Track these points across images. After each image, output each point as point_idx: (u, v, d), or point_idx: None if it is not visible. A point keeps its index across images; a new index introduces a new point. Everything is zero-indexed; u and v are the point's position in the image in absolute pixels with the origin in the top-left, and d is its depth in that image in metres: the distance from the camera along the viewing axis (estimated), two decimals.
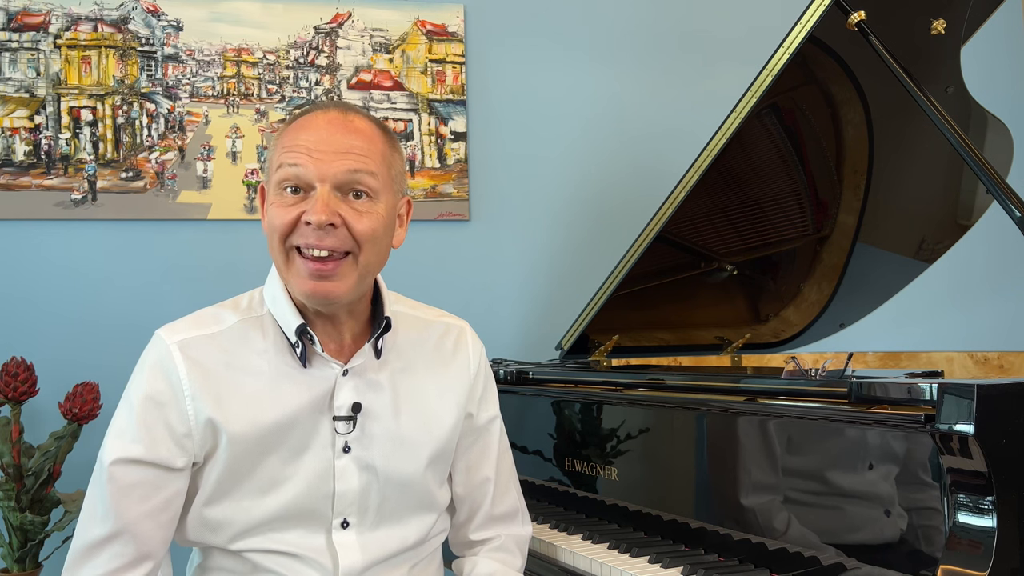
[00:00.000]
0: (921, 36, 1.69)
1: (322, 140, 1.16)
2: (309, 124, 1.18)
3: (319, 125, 1.17)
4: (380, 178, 1.18)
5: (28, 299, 2.15)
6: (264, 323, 1.23)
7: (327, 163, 1.15)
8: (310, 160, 1.15)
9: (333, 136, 1.16)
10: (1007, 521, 1.00)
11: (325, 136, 1.16)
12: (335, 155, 1.15)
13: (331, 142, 1.16)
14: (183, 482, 1.17)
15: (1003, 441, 1.02)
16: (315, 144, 1.15)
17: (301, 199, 1.16)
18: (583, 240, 2.52)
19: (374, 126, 1.21)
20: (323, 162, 1.15)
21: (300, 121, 1.19)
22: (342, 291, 1.17)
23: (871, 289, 2.18)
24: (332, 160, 1.15)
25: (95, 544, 1.14)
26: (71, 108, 2.19)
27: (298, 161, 1.15)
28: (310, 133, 1.16)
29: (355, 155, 1.16)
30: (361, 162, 1.16)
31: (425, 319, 1.34)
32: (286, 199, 1.16)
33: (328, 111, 1.19)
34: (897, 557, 1.09)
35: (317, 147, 1.15)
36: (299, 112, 1.23)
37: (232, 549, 1.19)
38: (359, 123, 1.19)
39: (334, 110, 1.20)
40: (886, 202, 1.97)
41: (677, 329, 2.18)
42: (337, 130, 1.17)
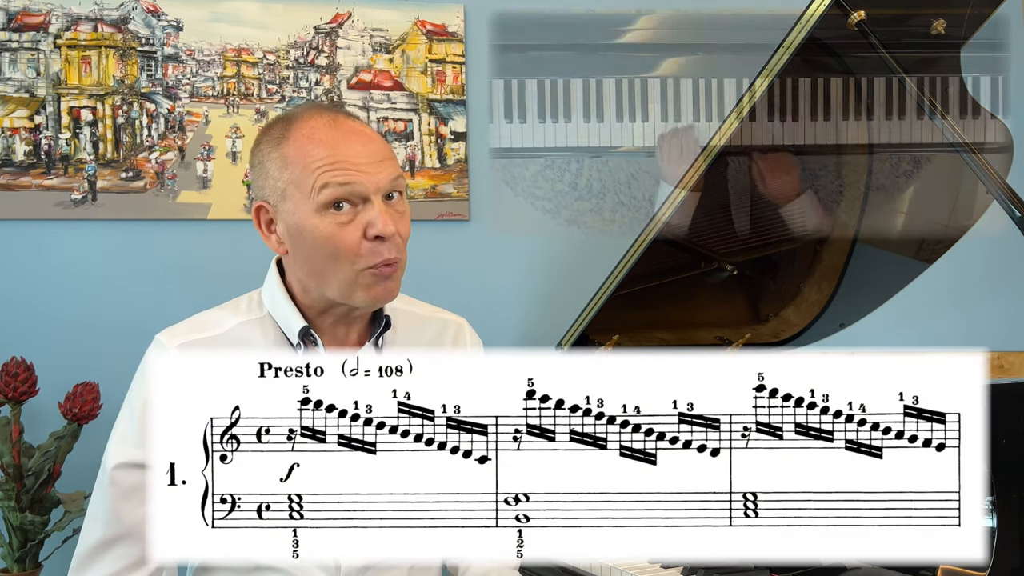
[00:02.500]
0: (921, 36, 1.69)
1: (358, 152, 1.16)
2: (332, 137, 1.17)
3: (345, 136, 1.17)
4: (402, 176, 1.22)
5: (28, 299, 2.15)
6: (264, 324, 1.23)
7: (374, 174, 1.16)
8: (360, 175, 1.15)
9: (366, 145, 1.18)
10: (1007, 521, 1.01)
11: (359, 147, 1.17)
12: (377, 164, 1.17)
13: (367, 152, 1.17)
14: None
15: (1003, 441, 1.02)
16: (355, 157, 1.16)
17: (353, 214, 1.16)
18: (583, 240, 2.52)
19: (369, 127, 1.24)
20: (371, 174, 1.16)
21: (315, 133, 1.17)
22: (398, 289, 1.22)
23: (871, 289, 2.17)
24: (378, 171, 1.17)
25: (98, 547, 1.15)
26: (71, 108, 2.19)
27: (350, 179, 1.15)
28: (340, 146, 1.16)
29: (389, 161, 1.19)
30: (396, 167, 1.19)
31: (422, 315, 1.35)
32: (339, 217, 1.16)
33: (336, 118, 1.19)
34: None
35: (359, 159, 1.16)
36: (288, 124, 1.20)
37: None
38: (368, 127, 1.23)
39: (341, 116, 1.20)
40: (886, 202, 1.97)
41: (677, 329, 2.18)
42: (366, 139, 1.19)
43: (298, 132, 1.18)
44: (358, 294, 1.19)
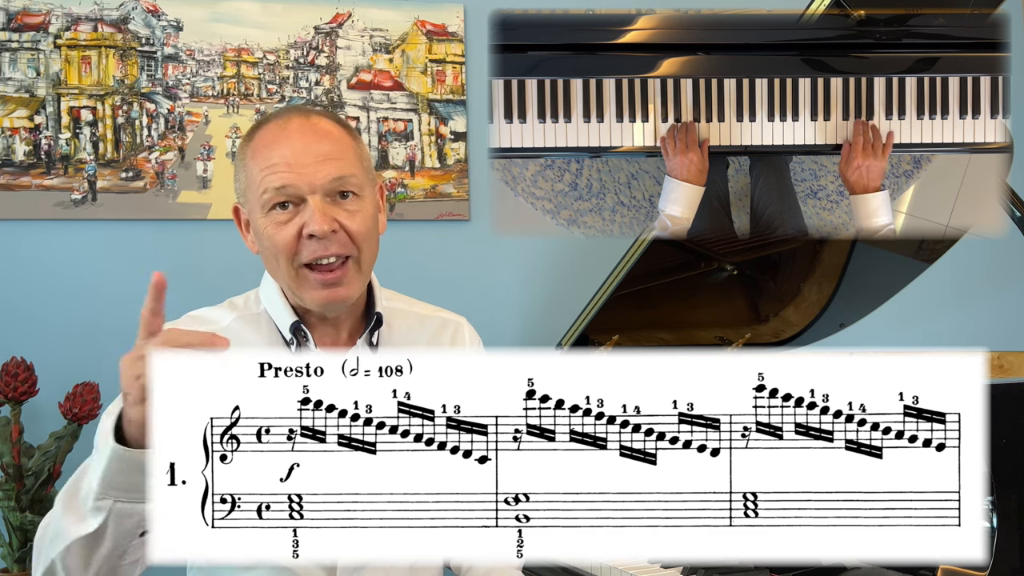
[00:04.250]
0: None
1: (299, 152, 1.17)
2: (279, 138, 1.19)
3: (290, 136, 1.19)
4: (360, 175, 1.21)
5: (28, 299, 2.15)
6: (259, 321, 1.25)
7: (311, 173, 1.17)
8: (293, 176, 1.16)
9: (308, 146, 1.18)
10: (1007, 521, 1.01)
11: (300, 147, 1.18)
12: (316, 164, 1.17)
13: (308, 152, 1.18)
14: None
15: (1003, 442, 1.02)
16: (294, 157, 1.17)
17: (293, 214, 1.18)
18: (583, 240, 2.52)
19: (336, 124, 1.24)
20: (307, 174, 1.17)
21: (266, 137, 1.20)
22: (352, 294, 1.21)
23: (871, 289, 2.18)
24: (315, 170, 1.17)
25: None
26: (71, 108, 2.19)
27: (284, 181, 1.17)
28: (284, 147, 1.18)
29: (333, 160, 1.19)
30: (341, 167, 1.19)
31: (421, 314, 1.35)
32: (278, 217, 1.18)
33: (290, 119, 1.21)
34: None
35: (297, 160, 1.17)
36: (258, 126, 1.23)
37: None
38: (324, 125, 1.21)
39: (296, 117, 1.21)
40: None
41: (677, 329, 2.18)
42: (308, 138, 1.19)
43: (258, 135, 1.22)
44: (306, 294, 1.21)
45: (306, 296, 1.21)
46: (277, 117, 1.23)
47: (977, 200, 2.04)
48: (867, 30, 1.55)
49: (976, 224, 2.06)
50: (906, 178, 2.03)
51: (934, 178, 2.02)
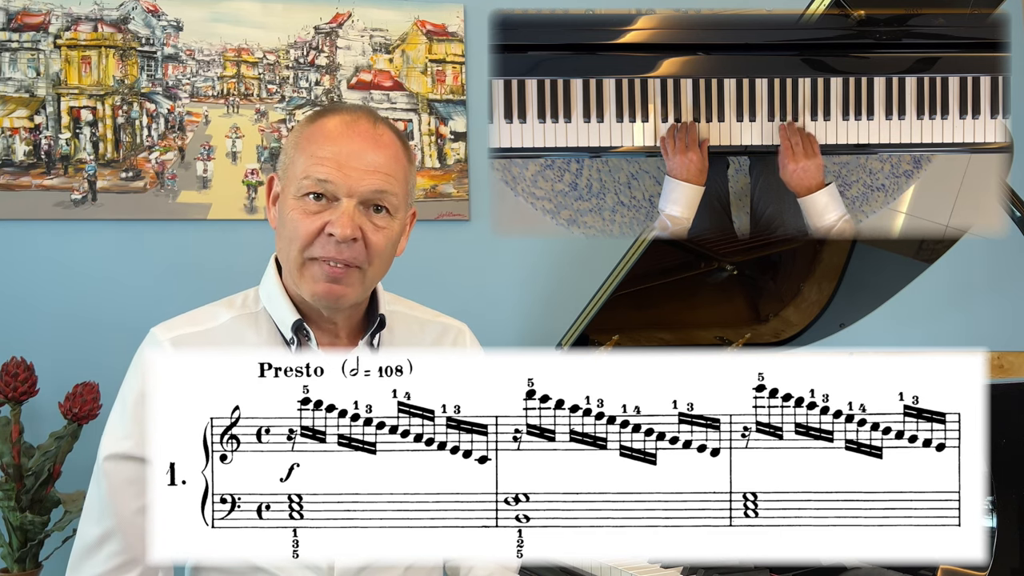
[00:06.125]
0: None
1: (353, 154, 1.17)
2: (342, 134, 1.19)
3: (352, 137, 1.18)
4: (400, 196, 1.21)
5: (28, 299, 2.15)
6: (259, 319, 1.24)
7: (356, 179, 1.17)
8: (339, 175, 1.16)
9: (364, 152, 1.18)
10: (1007, 521, 1.01)
11: (356, 150, 1.18)
12: (364, 172, 1.17)
13: (361, 158, 1.18)
14: None
15: (1003, 441, 1.02)
16: (345, 158, 1.17)
17: (324, 208, 1.17)
18: (583, 240, 2.52)
19: (398, 141, 1.23)
20: (352, 178, 1.17)
21: (327, 126, 1.20)
22: (349, 296, 1.21)
23: (871, 289, 2.18)
24: (361, 177, 1.17)
25: (94, 543, 1.15)
26: (71, 108, 2.19)
27: (328, 176, 1.16)
28: (340, 145, 1.18)
29: (382, 174, 1.18)
30: (388, 182, 1.19)
31: (423, 319, 1.35)
32: (309, 206, 1.18)
33: (357, 120, 1.20)
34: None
35: (348, 161, 1.17)
36: (324, 112, 1.23)
37: None
38: (387, 137, 1.21)
39: (364, 120, 1.21)
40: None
41: (677, 329, 2.18)
42: (368, 145, 1.19)
43: (321, 122, 1.21)
44: (305, 285, 1.20)
45: (305, 288, 1.20)
46: (346, 112, 1.22)
47: (977, 200, 2.04)
48: (867, 30, 1.55)
49: (976, 224, 2.06)
50: (906, 178, 2.03)
51: (934, 178, 2.02)
